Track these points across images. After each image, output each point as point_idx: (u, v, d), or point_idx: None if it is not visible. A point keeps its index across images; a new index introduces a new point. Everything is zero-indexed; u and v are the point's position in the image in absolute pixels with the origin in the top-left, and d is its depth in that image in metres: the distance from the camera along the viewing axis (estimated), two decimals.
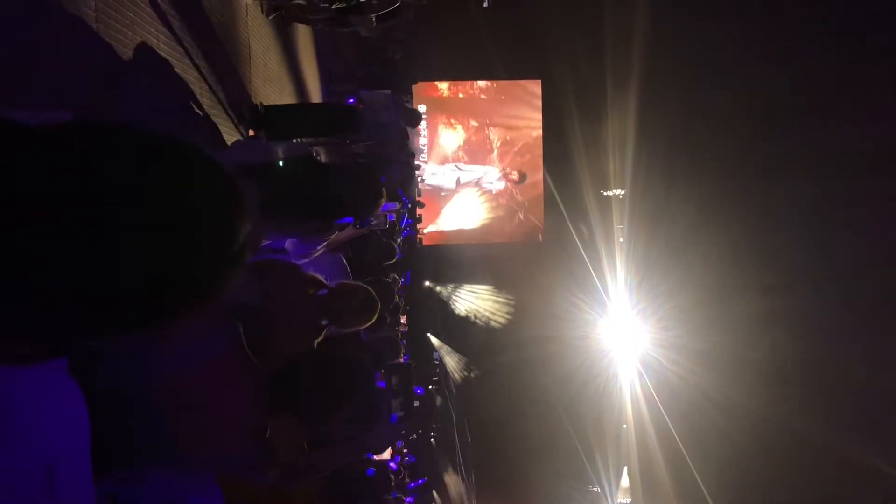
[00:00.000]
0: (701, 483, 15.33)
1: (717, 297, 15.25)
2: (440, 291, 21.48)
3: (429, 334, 20.31)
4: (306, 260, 3.65)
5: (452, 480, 18.33)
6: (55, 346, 1.23)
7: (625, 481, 21.47)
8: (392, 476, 7.28)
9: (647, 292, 19.90)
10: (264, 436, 2.12)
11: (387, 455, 6.23)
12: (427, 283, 20.25)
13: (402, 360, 8.19)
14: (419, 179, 18.22)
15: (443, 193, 21.57)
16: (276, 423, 2.23)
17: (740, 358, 13.82)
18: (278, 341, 2.56)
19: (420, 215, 17.70)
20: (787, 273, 13.94)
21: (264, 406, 2.15)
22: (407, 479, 10.52)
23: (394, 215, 9.65)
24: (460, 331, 21.34)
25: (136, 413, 1.97)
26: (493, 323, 21.51)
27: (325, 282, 3.43)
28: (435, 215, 21.48)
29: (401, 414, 8.22)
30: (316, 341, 3.22)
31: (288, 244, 3.55)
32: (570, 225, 20.46)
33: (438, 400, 19.89)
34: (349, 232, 5.00)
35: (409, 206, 13.33)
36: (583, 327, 21.58)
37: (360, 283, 3.64)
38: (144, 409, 1.98)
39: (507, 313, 21.65)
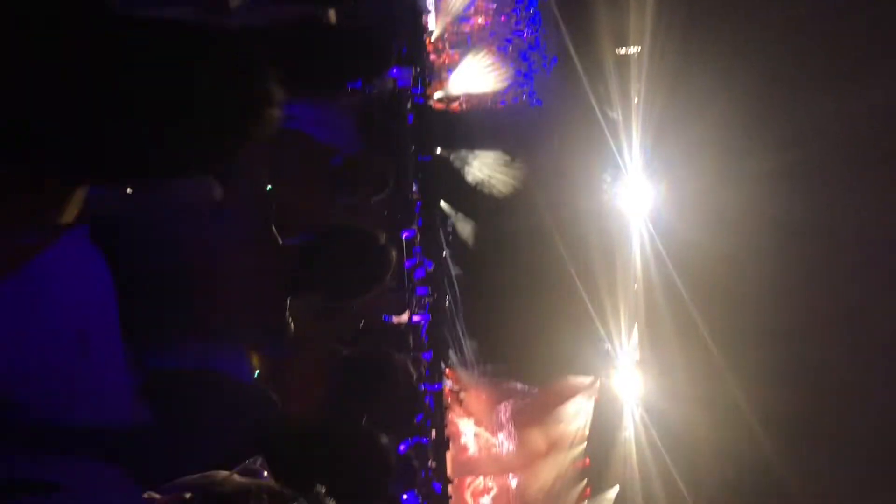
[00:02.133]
0: (707, 336, 15.77)
1: (734, 155, 15.07)
2: (452, 159, 21.33)
3: (441, 201, 20.37)
4: (316, 125, 3.60)
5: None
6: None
7: (635, 339, 22.15)
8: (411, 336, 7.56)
9: (662, 154, 19.70)
10: (283, 312, 2.17)
11: (404, 317, 6.42)
12: (438, 150, 20.08)
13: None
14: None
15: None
16: (295, 301, 2.28)
17: (755, 215, 13.83)
18: (294, 212, 2.56)
19: (430, 81, 17.29)
20: (804, 129, 13.67)
21: (286, 283, 2.18)
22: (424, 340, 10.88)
23: (403, 80, 9.42)
24: (473, 197, 21.35)
25: (160, 283, 2.02)
26: (505, 188, 21.46)
27: (336, 149, 3.40)
28: (445, 81, 21.00)
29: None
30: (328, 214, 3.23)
31: (297, 109, 3.49)
32: (586, 86, 19.94)
33: (455, 269, 20.25)
34: (358, 95, 4.89)
35: (419, 70, 12.99)
36: (597, 191, 21.55)
37: (373, 154, 3.61)
38: (167, 280, 2.02)
39: (520, 179, 21.57)
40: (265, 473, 1.67)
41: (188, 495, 1.01)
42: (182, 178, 1.83)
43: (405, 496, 7.33)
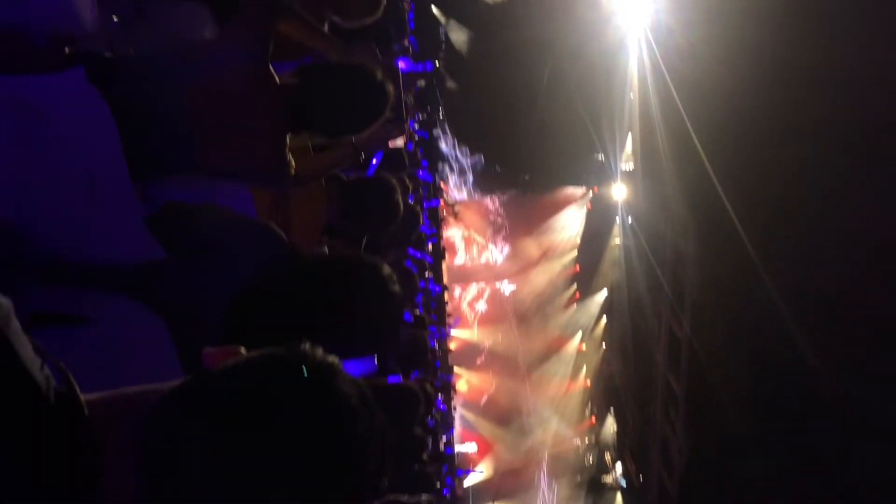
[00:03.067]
0: (699, 146, 15.73)
1: None
2: None
3: (433, 7, 19.48)
4: None
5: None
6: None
7: (628, 148, 22.12)
8: (406, 155, 7.55)
9: None
10: (284, 148, 2.16)
11: (400, 142, 6.38)
12: None
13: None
14: None
15: None
16: (295, 137, 2.26)
17: (758, 25, 13.29)
18: (290, 48, 2.47)
19: None
20: None
21: (284, 119, 2.16)
22: (420, 157, 10.90)
23: None
24: (467, 4, 20.39)
25: (159, 123, 2.01)
26: None
27: None
28: None
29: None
30: (324, 45, 3.11)
31: None
32: None
33: (451, 84, 19.76)
34: None
35: None
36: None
37: None
38: (166, 119, 2.01)
39: None
40: None
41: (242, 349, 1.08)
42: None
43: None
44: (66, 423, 0.95)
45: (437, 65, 18.58)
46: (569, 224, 25.15)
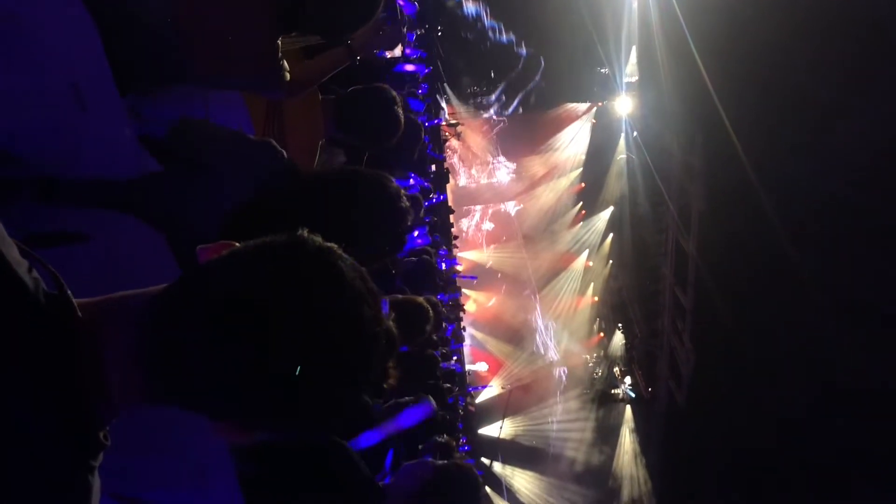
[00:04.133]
0: (699, 58, 15.38)
1: None
2: None
3: None
4: None
5: None
6: None
7: (632, 61, 21.63)
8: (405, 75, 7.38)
9: None
10: (276, 51, 2.08)
11: (398, 52, 6.20)
12: None
13: None
14: None
15: None
16: (288, 39, 2.17)
17: None
18: None
19: None
20: None
21: (274, 20, 2.07)
22: (419, 77, 10.66)
23: None
24: None
25: (144, 27, 1.92)
26: None
27: None
28: None
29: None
30: None
31: None
32: None
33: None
34: None
35: None
36: None
37: None
38: (151, 22, 1.93)
39: None
40: None
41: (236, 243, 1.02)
42: None
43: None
44: (59, 322, 0.91)
45: None
46: (574, 140, 24.87)
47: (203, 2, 1.92)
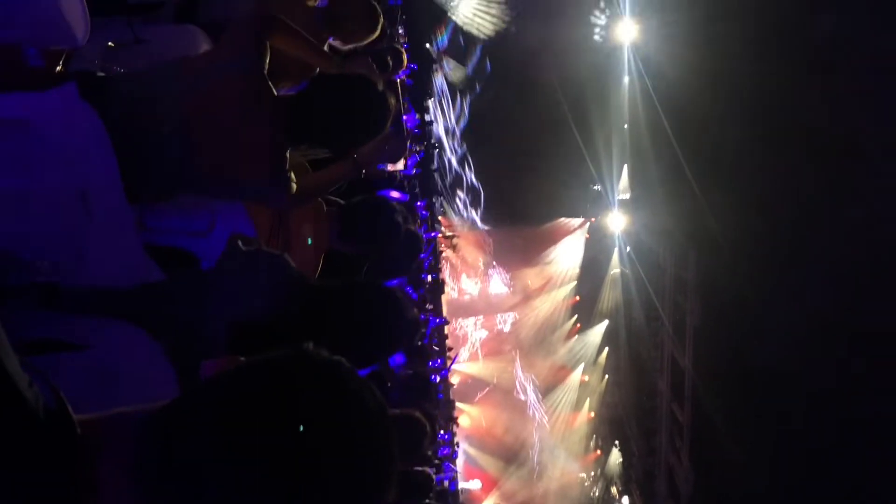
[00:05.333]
0: (688, 171, 15.86)
1: None
2: None
3: (427, 45, 19.67)
4: None
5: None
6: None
7: (624, 178, 22.21)
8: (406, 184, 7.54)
9: None
10: (284, 161, 2.11)
11: (400, 165, 6.36)
12: None
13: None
14: None
15: None
16: (295, 152, 2.21)
17: (745, 53, 13.44)
18: (288, 62, 2.44)
19: None
20: None
21: (283, 131, 2.11)
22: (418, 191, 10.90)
23: None
24: (462, 38, 20.63)
25: (154, 138, 1.96)
26: (492, 28, 20.70)
27: None
28: None
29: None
30: (321, 60, 3.09)
31: None
32: None
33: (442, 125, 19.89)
34: None
35: None
36: (587, 27, 20.82)
37: None
38: (161, 134, 1.96)
39: (507, 19, 20.78)
40: None
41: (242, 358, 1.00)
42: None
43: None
44: (57, 440, 0.88)
45: (429, 102, 18.70)
46: (568, 255, 25.13)
47: (214, 111, 1.96)
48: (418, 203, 11.06)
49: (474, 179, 22.41)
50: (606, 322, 25.55)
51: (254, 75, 1.98)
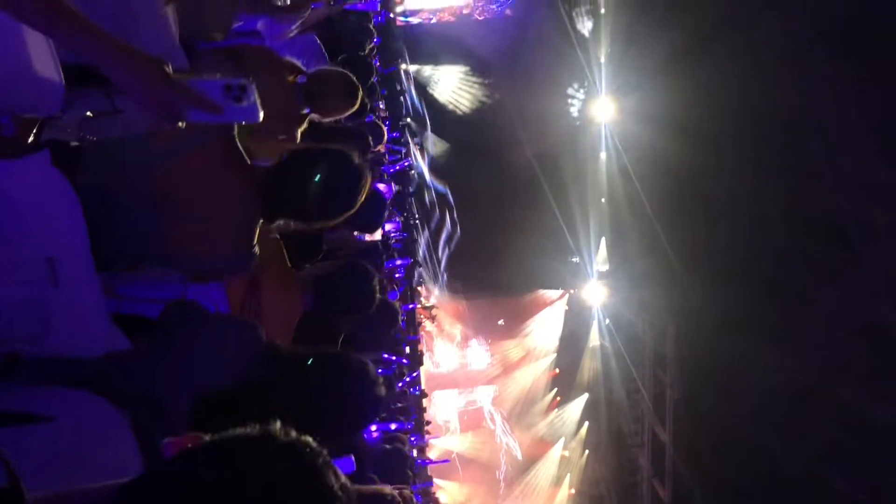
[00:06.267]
0: (666, 246, 16.09)
1: (702, 66, 14.92)
2: (417, 75, 20.89)
3: (408, 120, 20.03)
4: (280, 42, 3.47)
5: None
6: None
7: (602, 251, 22.43)
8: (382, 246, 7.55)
9: (630, 66, 19.47)
10: (252, 235, 2.10)
11: (377, 235, 6.39)
12: (403, 67, 19.62)
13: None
14: None
15: None
16: (267, 224, 2.21)
17: (721, 128, 13.86)
18: (260, 130, 2.47)
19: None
20: (770, 37, 13.56)
21: (255, 203, 2.12)
22: (395, 254, 10.91)
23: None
24: (438, 115, 21.08)
25: (125, 209, 1.96)
26: (472, 104, 21.22)
27: (302, 67, 3.29)
28: None
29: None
30: (299, 130, 3.14)
31: (260, 25, 3.36)
32: None
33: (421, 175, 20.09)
34: (322, 11, 4.73)
35: None
36: (564, 104, 21.40)
37: (340, 69, 3.50)
38: (132, 205, 1.96)
39: (486, 95, 21.33)
40: None
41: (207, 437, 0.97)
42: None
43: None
44: None
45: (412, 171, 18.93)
46: (546, 327, 25.07)
47: (184, 183, 1.97)
48: (396, 273, 11.06)
49: (454, 252, 22.51)
50: (586, 395, 25.31)
51: (225, 143, 1.99)
